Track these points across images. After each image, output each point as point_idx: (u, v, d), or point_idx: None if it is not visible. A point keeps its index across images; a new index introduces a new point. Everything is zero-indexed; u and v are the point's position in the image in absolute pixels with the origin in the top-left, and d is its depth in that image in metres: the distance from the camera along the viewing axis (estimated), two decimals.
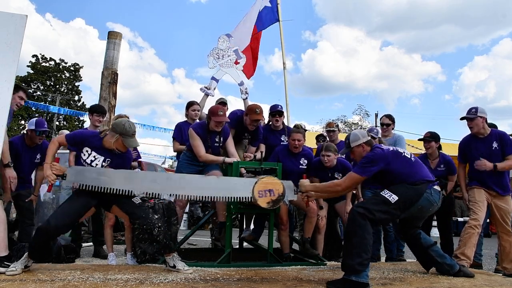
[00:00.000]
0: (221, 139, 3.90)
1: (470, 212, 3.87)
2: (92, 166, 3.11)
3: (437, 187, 3.07)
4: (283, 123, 4.65)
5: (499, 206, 3.86)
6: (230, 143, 3.96)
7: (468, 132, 4.01)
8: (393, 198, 2.91)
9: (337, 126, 5.66)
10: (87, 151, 3.12)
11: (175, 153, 5.13)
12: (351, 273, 2.78)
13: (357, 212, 2.90)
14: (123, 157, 3.22)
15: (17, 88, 3.81)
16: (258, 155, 3.85)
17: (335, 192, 3.28)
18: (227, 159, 3.75)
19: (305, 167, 4.04)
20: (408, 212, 3.00)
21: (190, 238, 4.14)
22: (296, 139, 3.97)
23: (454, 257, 3.63)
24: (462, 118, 3.95)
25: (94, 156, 3.12)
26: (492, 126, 4.44)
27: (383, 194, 2.95)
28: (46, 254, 3.01)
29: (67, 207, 3.03)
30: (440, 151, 4.59)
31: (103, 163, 3.14)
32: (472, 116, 3.86)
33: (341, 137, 5.01)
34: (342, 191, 3.23)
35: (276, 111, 4.51)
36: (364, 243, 2.82)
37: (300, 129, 4.14)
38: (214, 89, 5.39)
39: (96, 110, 4.49)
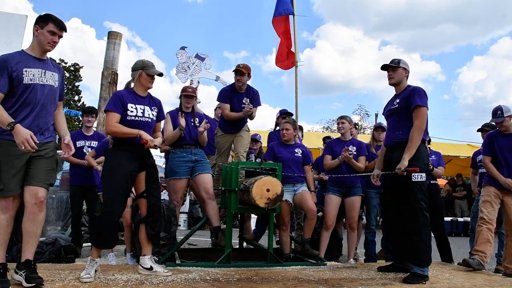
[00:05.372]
0: (197, 120, 4.09)
1: (480, 209, 3.94)
2: (146, 117, 3.08)
3: None
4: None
5: (508, 204, 3.88)
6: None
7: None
8: (422, 176, 3.18)
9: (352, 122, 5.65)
10: (131, 106, 3.05)
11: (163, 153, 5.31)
12: (425, 266, 3.11)
13: (419, 209, 3.14)
14: (159, 105, 3.25)
15: (45, 19, 2.66)
16: (248, 107, 4.24)
17: (422, 131, 3.23)
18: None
19: (301, 156, 4.19)
20: None
21: (190, 238, 4.14)
22: (284, 128, 4.23)
23: (470, 255, 3.85)
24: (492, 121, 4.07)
25: (141, 108, 3.08)
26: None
27: (413, 179, 3.14)
28: (115, 239, 3.03)
29: (114, 186, 2.92)
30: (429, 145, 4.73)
31: (151, 111, 3.13)
32: (500, 119, 3.90)
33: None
34: (423, 127, 3.24)
35: (285, 113, 5.08)
36: (428, 239, 3.19)
37: (289, 119, 4.44)
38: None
39: (84, 111, 4.79)
